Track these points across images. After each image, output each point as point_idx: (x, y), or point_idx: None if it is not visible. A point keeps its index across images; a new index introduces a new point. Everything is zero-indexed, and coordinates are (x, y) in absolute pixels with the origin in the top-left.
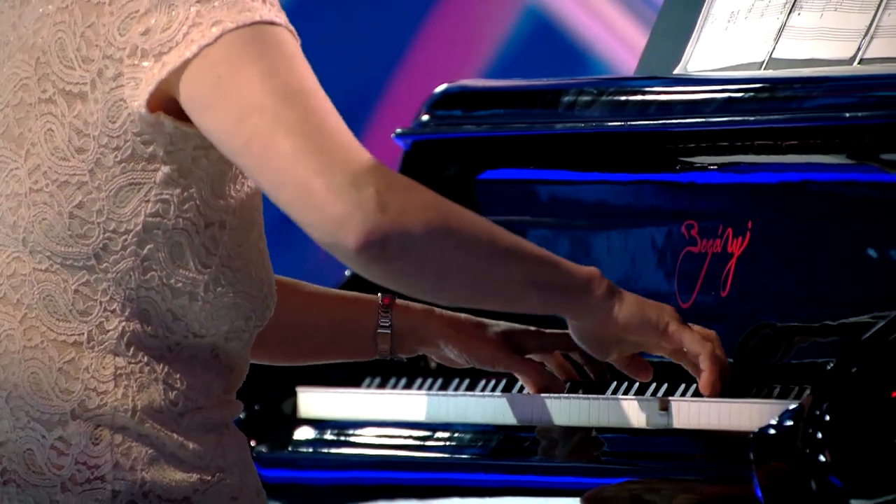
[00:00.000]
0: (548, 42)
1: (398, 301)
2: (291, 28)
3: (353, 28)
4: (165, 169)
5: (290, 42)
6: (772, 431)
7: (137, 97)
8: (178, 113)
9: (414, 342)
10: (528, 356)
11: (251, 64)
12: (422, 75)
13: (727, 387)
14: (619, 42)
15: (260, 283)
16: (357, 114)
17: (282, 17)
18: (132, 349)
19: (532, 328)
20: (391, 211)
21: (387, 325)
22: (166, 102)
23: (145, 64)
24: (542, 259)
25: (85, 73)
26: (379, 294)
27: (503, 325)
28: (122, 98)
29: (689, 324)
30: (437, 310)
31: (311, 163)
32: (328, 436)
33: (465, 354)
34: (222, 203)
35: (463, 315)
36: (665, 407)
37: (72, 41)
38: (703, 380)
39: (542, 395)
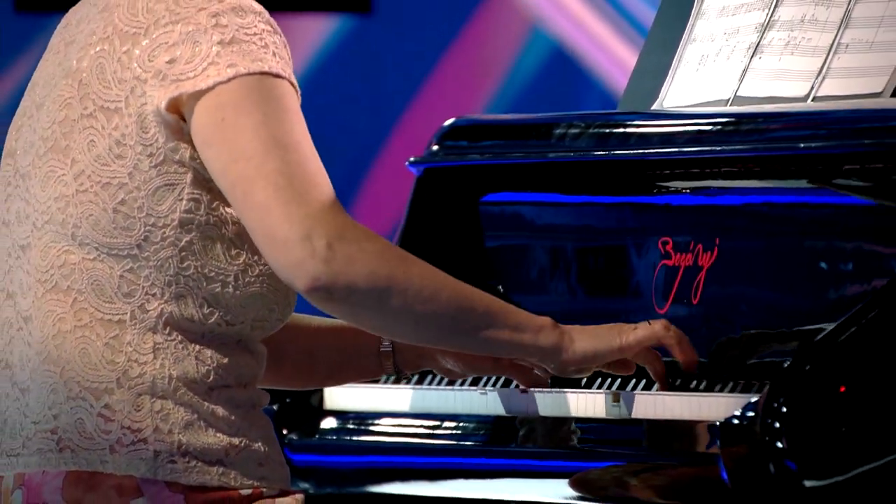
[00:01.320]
0: (557, 72)
1: None
2: (294, 81)
3: (374, 62)
4: (193, 172)
5: (289, 95)
6: (736, 421)
7: (159, 105)
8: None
9: (415, 358)
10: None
11: (250, 114)
12: (436, 107)
13: (699, 382)
14: (622, 71)
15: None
16: (374, 143)
17: (287, 72)
18: (168, 328)
19: None
20: (336, 262)
21: (388, 345)
22: (180, 113)
23: (163, 83)
24: (491, 311)
25: (120, 92)
26: None
27: None
28: (146, 112)
29: (634, 327)
30: None
31: (277, 216)
32: (350, 425)
33: (460, 365)
34: None
35: None
36: (623, 399)
37: (110, 65)
38: (682, 362)
39: (532, 389)
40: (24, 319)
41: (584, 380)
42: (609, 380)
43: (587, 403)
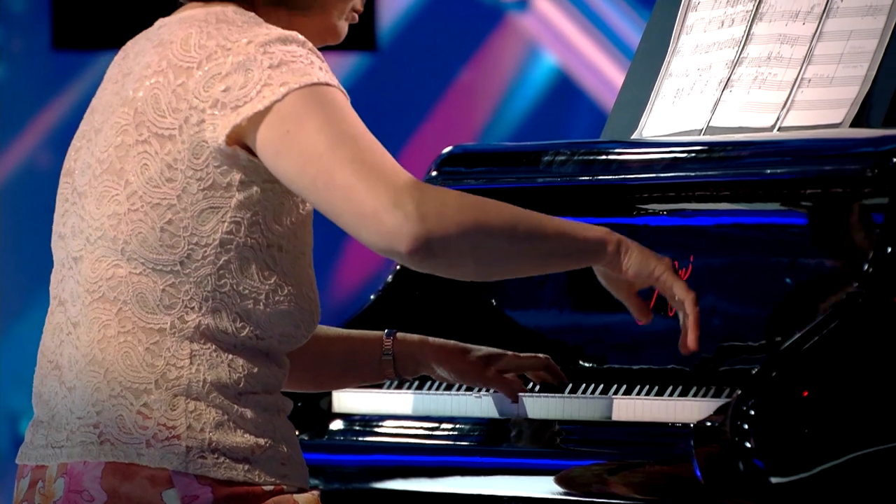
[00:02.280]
0: (555, 98)
1: (398, 334)
2: (341, 88)
3: (380, 95)
4: (239, 196)
5: (341, 97)
6: (708, 423)
7: (216, 137)
8: (251, 150)
9: (412, 365)
10: (503, 373)
11: (311, 118)
12: (438, 135)
13: (675, 388)
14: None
15: (308, 300)
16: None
17: (334, 80)
18: (204, 339)
19: (506, 352)
20: (429, 219)
21: (389, 353)
22: (240, 140)
23: (223, 113)
24: (559, 233)
25: (174, 121)
26: (385, 331)
27: (483, 349)
28: (204, 139)
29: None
30: (430, 339)
31: (363, 192)
32: (356, 427)
33: (452, 374)
34: (279, 229)
35: (451, 342)
36: (624, 404)
37: (165, 96)
38: (688, 336)
39: (521, 394)
40: (73, 325)
41: (570, 385)
42: (592, 385)
43: (572, 406)
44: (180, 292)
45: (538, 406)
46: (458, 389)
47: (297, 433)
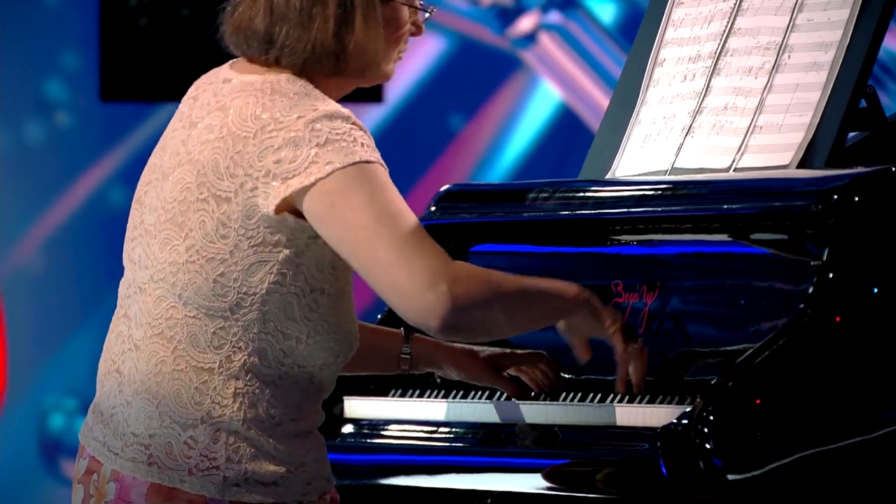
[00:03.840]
0: (556, 142)
1: (415, 335)
2: (382, 162)
3: (387, 143)
4: (286, 252)
5: (382, 174)
6: (673, 427)
7: (268, 205)
8: (298, 213)
9: (425, 364)
10: (506, 372)
11: (355, 193)
12: (439, 177)
13: (643, 396)
14: None
15: (347, 334)
16: None
17: (375, 156)
18: (249, 375)
19: (508, 351)
20: (459, 301)
21: (407, 352)
22: (288, 207)
23: (274, 184)
24: (550, 293)
25: (231, 184)
26: (402, 328)
27: (487, 350)
28: (256, 204)
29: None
30: (443, 342)
31: (400, 271)
32: (365, 430)
33: (461, 373)
34: (322, 276)
35: (459, 345)
36: (599, 410)
37: (223, 161)
38: (634, 378)
39: (514, 400)
40: (136, 346)
41: (552, 395)
42: (572, 394)
43: (556, 412)
44: (229, 334)
45: (526, 411)
46: (455, 397)
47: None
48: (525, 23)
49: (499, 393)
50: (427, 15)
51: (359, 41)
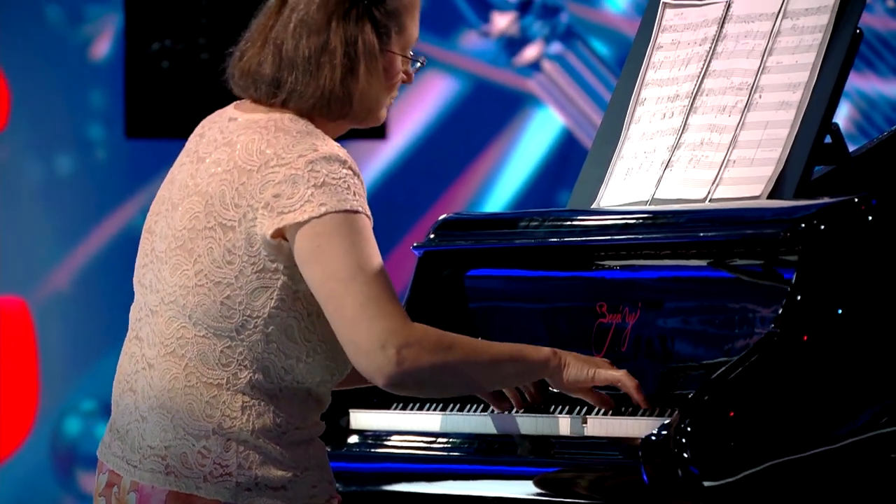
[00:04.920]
0: (566, 158)
1: None
2: (368, 213)
3: (390, 177)
4: (284, 278)
5: (366, 226)
6: (654, 438)
7: (265, 233)
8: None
9: None
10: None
11: (339, 242)
12: (438, 207)
13: (626, 409)
14: None
15: (342, 354)
16: (392, 235)
17: (363, 207)
18: (254, 390)
19: None
20: (405, 365)
21: None
22: (282, 237)
23: (271, 215)
24: (513, 357)
25: (235, 214)
26: None
27: None
28: (256, 232)
29: (611, 367)
30: None
31: (360, 328)
32: (369, 441)
33: None
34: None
35: None
36: (585, 422)
37: (229, 192)
38: (638, 400)
39: (506, 413)
40: (149, 364)
41: (543, 407)
42: (559, 407)
43: (545, 424)
44: (235, 353)
45: (518, 423)
46: (451, 410)
47: (325, 448)
48: (530, 52)
49: (491, 406)
50: (418, 64)
51: (362, 88)
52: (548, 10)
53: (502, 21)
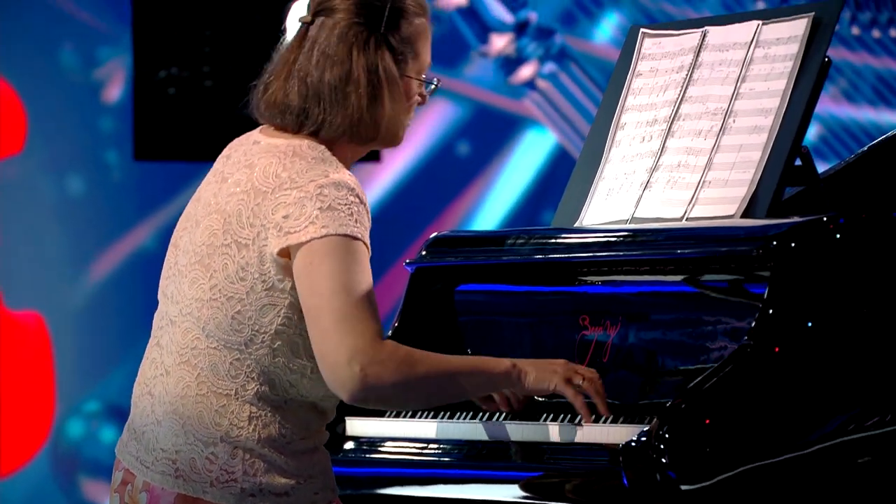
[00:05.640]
0: (559, 172)
1: None
2: (367, 242)
3: (385, 199)
4: (290, 298)
5: (361, 252)
6: (633, 444)
7: (273, 251)
8: None
9: None
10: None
11: (330, 262)
12: (432, 228)
13: (607, 416)
14: None
15: None
16: (389, 253)
17: (364, 235)
18: (261, 402)
19: None
20: (368, 381)
21: None
22: (288, 255)
23: (279, 234)
24: (473, 371)
25: (250, 233)
26: None
27: None
28: (266, 251)
29: (575, 367)
30: None
31: (331, 342)
32: (364, 446)
33: None
34: None
35: None
36: (571, 429)
37: (245, 212)
38: (599, 407)
39: (495, 420)
40: (166, 371)
41: (530, 414)
42: (544, 414)
43: (532, 431)
44: (243, 365)
45: (507, 430)
46: (442, 418)
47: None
48: (525, 71)
49: (481, 413)
50: (433, 86)
51: (388, 113)
52: (542, 32)
53: (500, 42)
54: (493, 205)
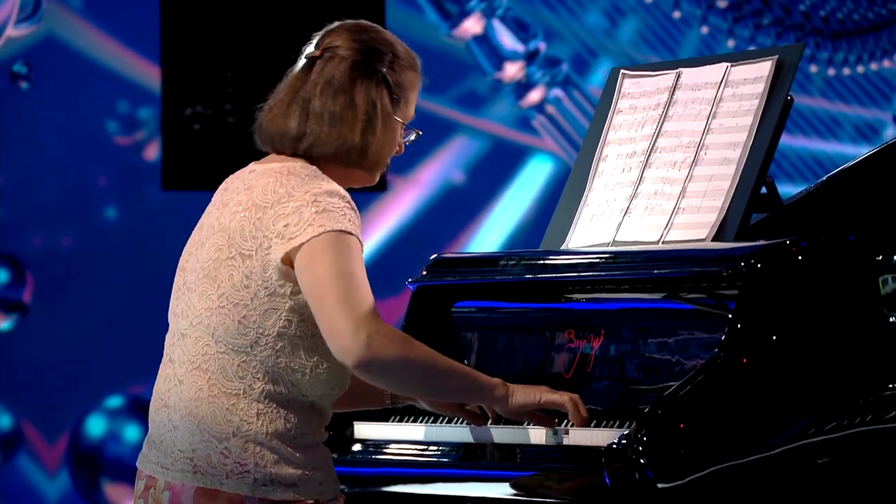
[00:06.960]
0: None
1: None
2: (360, 237)
3: (390, 224)
4: (291, 302)
5: (355, 244)
6: (615, 446)
7: (277, 259)
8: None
9: (404, 399)
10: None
11: (329, 254)
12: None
13: (589, 420)
14: None
15: (341, 369)
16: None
17: (356, 231)
18: (267, 399)
19: None
20: (372, 349)
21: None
22: (290, 262)
23: (281, 242)
24: (466, 376)
25: (253, 244)
26: None
27: None
28: (269, 259)
29: (551, 391)
30: None
31: (338, 316)
32: (370, 448)
33: (434, 407)
34: None
35: None
36: (556, 432)
37: (248, 226)
38: (577, 418)
39: (488, 425)
40: (179, 381)
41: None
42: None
43: (522, 434)
44: (250, 367)
45: (499, 433)
46: (442, 422)
47: (330, 454)
48: (533, 95)
49: None
50: (412, 136)
51: (378, 143)
52: (549, 61)
53: (512, 69)
54: (498, 227)
